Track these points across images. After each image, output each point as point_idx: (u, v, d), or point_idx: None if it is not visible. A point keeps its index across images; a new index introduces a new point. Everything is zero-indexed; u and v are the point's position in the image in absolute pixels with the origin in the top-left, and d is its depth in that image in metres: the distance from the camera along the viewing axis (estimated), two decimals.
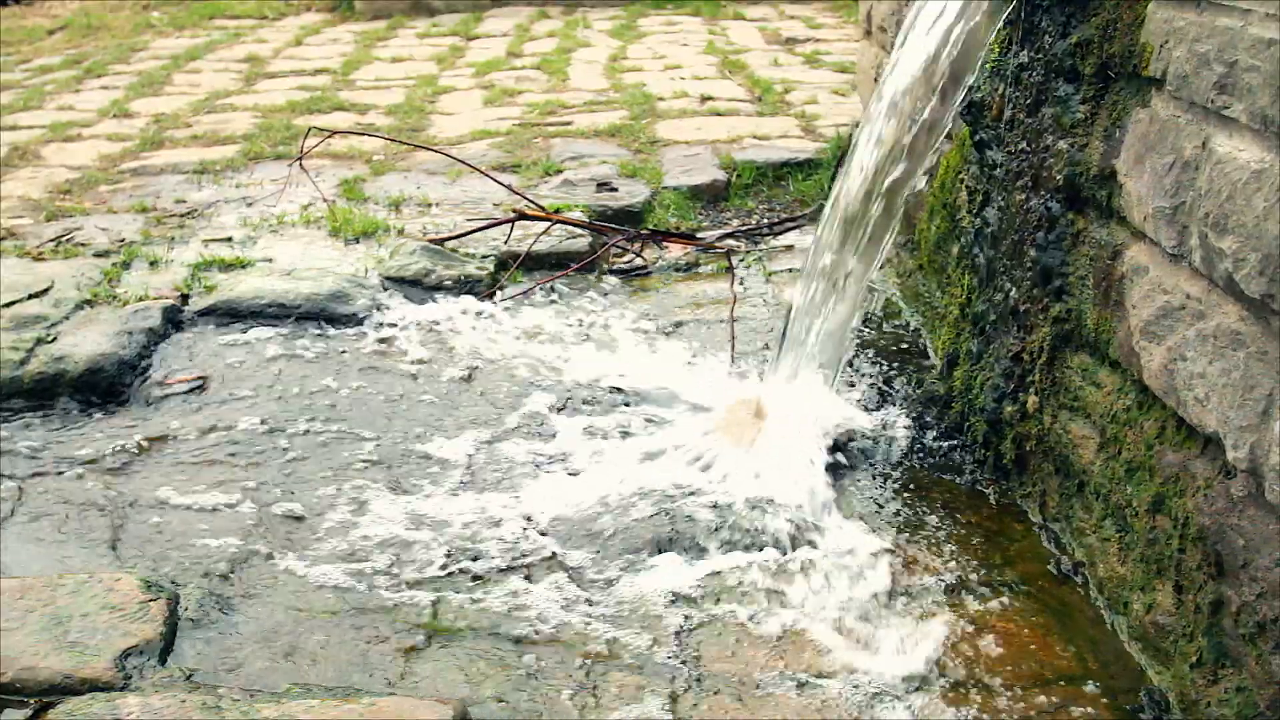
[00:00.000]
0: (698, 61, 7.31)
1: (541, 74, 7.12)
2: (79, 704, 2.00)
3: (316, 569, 2.46)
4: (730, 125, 5.59)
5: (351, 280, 3.83)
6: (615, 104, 6.16)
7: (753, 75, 6.79)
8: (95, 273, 3.98)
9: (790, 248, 4.26)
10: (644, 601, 2.35)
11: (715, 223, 4.55)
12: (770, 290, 3.90)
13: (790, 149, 5.11)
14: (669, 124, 5.67)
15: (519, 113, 6.07)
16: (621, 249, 4.20)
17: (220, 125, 6.10)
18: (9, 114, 6.70)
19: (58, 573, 2.41)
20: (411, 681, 2.13)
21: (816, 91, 6.25)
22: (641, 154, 5.19)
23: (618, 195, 4.63)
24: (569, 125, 5.73)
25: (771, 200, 4.76)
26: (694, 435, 2.97)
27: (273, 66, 7.82)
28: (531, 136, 5.55)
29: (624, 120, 5.73)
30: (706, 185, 4.78)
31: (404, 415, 3.12)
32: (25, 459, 2.97)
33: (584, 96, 6.39)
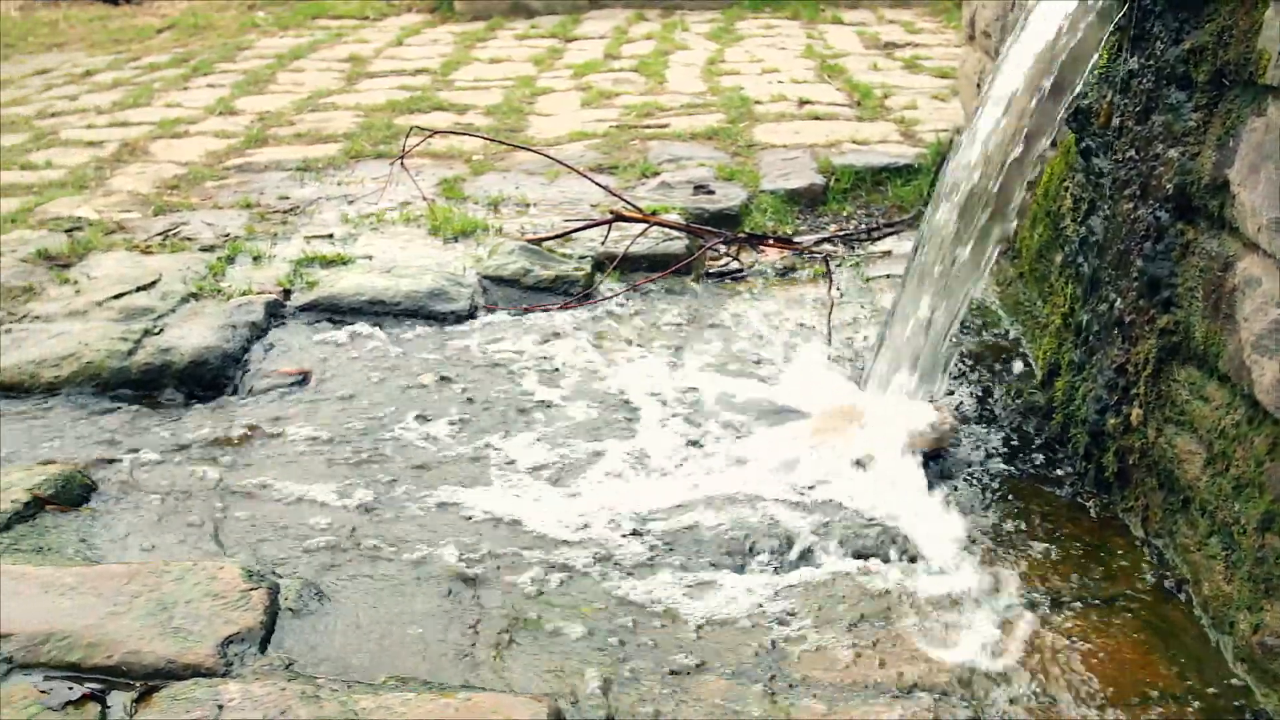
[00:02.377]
0: (795, 65, 7.29)
1: (639, 76, 7.13)
2: (182, 688, 2.04)
3: (412, 563, 2.48)
4: (828, 129, 5.57)
5: (450, 278, 3.87)
6: (712, 107, 6.15)
7: (851, 79, 6.75)
8: (201, 267, 4.06)
9: (888, 253, 4.23)
10: (737, 604, 2.34)
11: (812, 227, 4.53)
12: (867, 296, 3.87)
13: (889, 154, 5.07)
14: (766, 127, 5.66)
15: (616, 114, 6.09)
16: (718, 252, 4.19)
17: (322, 124, 6.20)
18: (119, 110, 6.86)
19: (163, 560, 2.46)
20: (506, 677, 2.14)
21: (916, 96, 6.19)
22: (739, 157, 5.19)
23: (714, 198, 4.63)
24: (666, 127, 5.73)
25: (869, 205, 4.73)
26: (789, 440, 2.96)
27: (374, 66, 7.93)
28: (629, 138, 5.57)
29: (721, 123, 5.73)
30: (804, 189, 4.76)
31: (499, 413, 3.14)
32: (129, 447, 3.04)
33: (681, 99, 6.40)
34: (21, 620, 2.22)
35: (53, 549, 2.55)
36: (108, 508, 2.76)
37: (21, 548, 2.54)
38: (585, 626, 2.27)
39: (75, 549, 2.56)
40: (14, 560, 2.47)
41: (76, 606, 2.26)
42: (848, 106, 6.11)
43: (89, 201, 4.93)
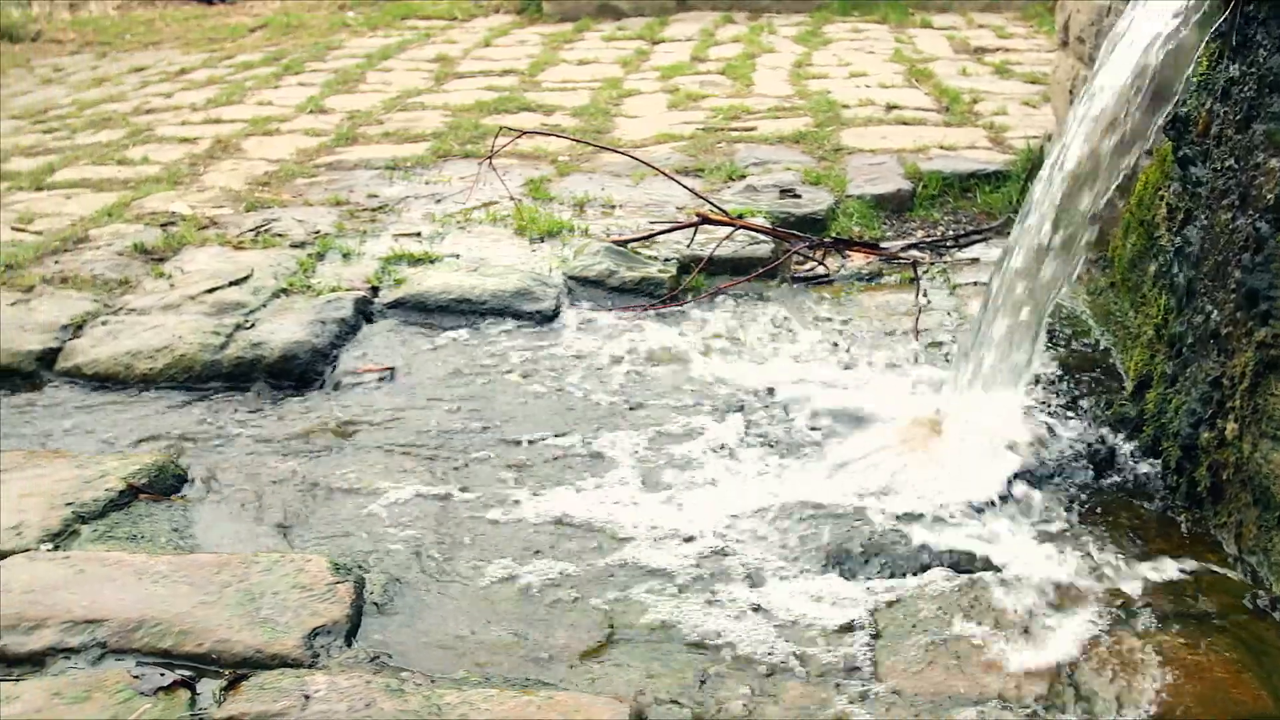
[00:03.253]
0: (884, 69, 7.24)
1: (726, 79, 7.13)
2: (270, 678, 2.07)
3: (496, 561, 2.50)
4: (916, 134, 5.53)
5: (536, 278, 3.89)
6: (799, 110, 6.13)
7: (940, 84, 6.70)
8: (291, 263, 4.12)
9: (976, 260, 4.19)
10: (821, 612, 2.33)
11: (899, 233, 4.50)
12: (954, 303, 3.84)
13: (978, 160, 5.03)
14: (854, 132, 5.63)
15: (703, 117, 6.09)
16: (804, 256, 4.18)
17: (411, 123, 6.26)
18: (213, 108, 6.98)
19: (252, 551, 2.50)
20: (587, 677, 2.15)
21: (1006, 102, 6.13)
22: (825, 161, 5.16)
23: (801, 202, 4.61)
24: (753, 130, 5.72)
25: (957, 212, 4.68)
26: (873, 447, 2.94)
27: (462, 67, 7.99)
28: (715, 141, 5.56)
29: (808, 127, 5.71)
30: (891, 195, 4.73)
31: (582, 413, 3.16)
32: (220, 439, 3.10)
33: (768, 102, 6.38)
34: (115, 606, 2.27)
35: (146, 537, 2.60)
36: (198, 497, 2.81)
37: (116, 535, 2.59)
38: (668, 628, 2.27)
39: (167, 537, 2.61)
40: (109, 547, 2.53)
41: (169, 594, 2.30)
42: (936, 111, 6.06)
43: (183, 197, 5.03)
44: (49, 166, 5.76)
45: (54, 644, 2.18)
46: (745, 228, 4.20)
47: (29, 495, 2.71)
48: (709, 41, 8.56)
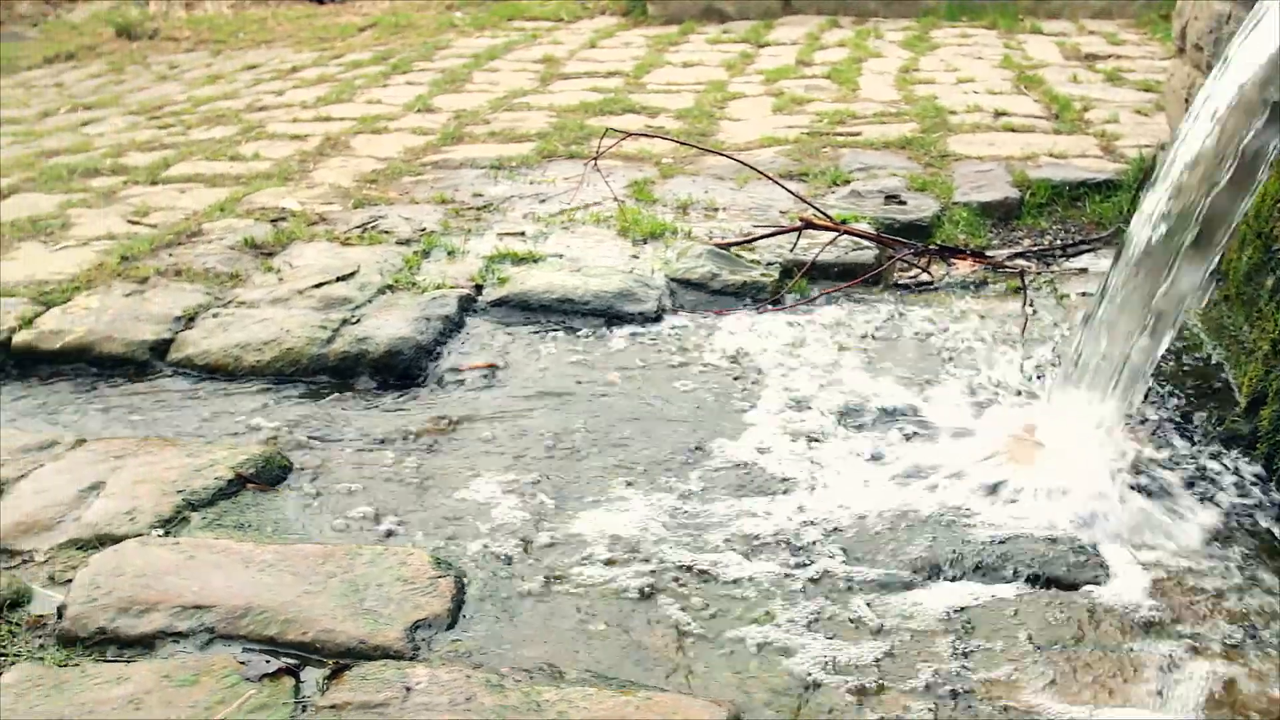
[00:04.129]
0: (992, 75, 7.15)
1: (831, 83, 7.09)
2: (372, 669, 2.10)
3: (595, 560, 2.51)
4: (1024, 142, 5.45)
5: (639, 280, 3.90)
6: (905, 116, 6.08)
7: (1049, 91, 6.60)
8: (397, 259, 4.17)
9: (1084, 271, 4.12)
10: (918, 622, 2.30)
11: (1005, 241, 4.44)
12: (1061, 313, 3.78)
13: (1088, 169, 4.94)
14: (960, 138, 5.56)
15: (807, 121, 6.07)
16: (908, 263, 4.14)
17: (516, 123, 6.31)
18: (323, 105, 7.10)
19: (355, 543, 2.54)
20: (683, 679, 2.15)
21: (1118, 110, 6.02)
22: (931, 168, 5.11)
23: (906, 208, 4.57)
24: (858, 136, 5.69)
25: (1065, 221, 4.61)
26: (975, 458, 2.90)
27: (567, 68, 8.04)
28: (820, 145, 5.54)
29: (914, 133, 5.66)
30: (998, 203, 4.67)
31: (683, 416, 3.16)
32: (325, 432, 3.14)
33: (873, 107, 6.34)
34: (223, 593, 2.31)
35: (252, 525, 2.65)
36: (303, 488, 2.85)
37: (224, 523, 2.64)
38: (767, 634, 2.26)
39: (273, 527, 2.65)
40: (217, 535, 2.58)
41: (274, 583, 2.34)
42: (1045, 119, 5.97)
43: (293, 193, 5.11)
44: (164, 161, 5.89)
45: (164, 628, 2.23)
46: (849, 233, 4.17)
47: (142, 482, 2.77)
48: (814, 45, 8.52)
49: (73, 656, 2.20)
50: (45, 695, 2.06)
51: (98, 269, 4.22)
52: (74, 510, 2.70)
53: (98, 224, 4.83)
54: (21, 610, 2.35)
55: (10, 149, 6.59)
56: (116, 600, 2.30)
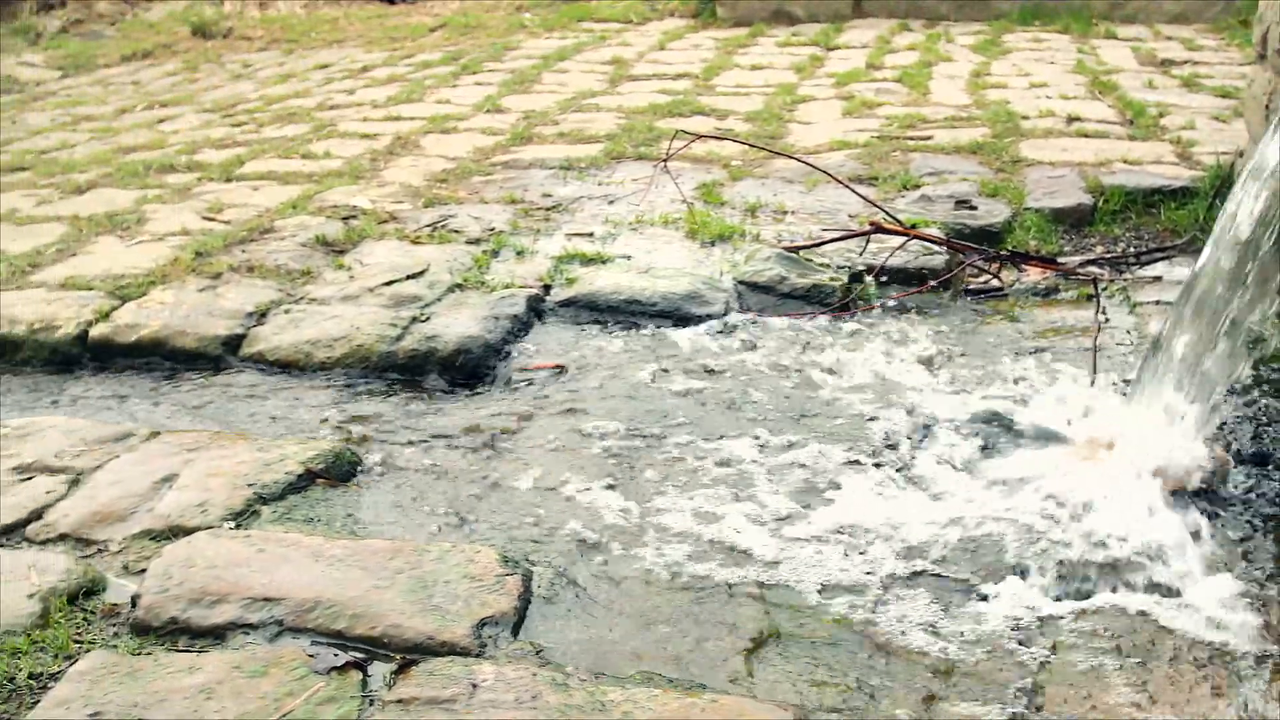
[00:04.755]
0: (1065, 80, 7.08)
1: (901, 87, 7.05)
2: (439, 665, 2.11)
3: (663, 562, 2.51)
4: (1098, 148, 5.38)
5: (707, 282, 3.89)
6: (977, 120, 6.03)
7: (1124, 97, 6.52)
8: (466, 259, 4.20)
9: (1158, 279, 4.06)
10: (990, 629, 2.28)
11: (1078, 248, 4.39)
12: (1134, 321, 3.73)
13: (1163, 175, 4.87)
14: (1032, 143, 5.51)
15: (877, 125, 6.03)
16: (978, 269, 4.10)
17: (585, 124, 6.32)
18: (394, 105, 7.15)
19: (424, 539, 2.56)
20: (751, 683, 2.14)
21: (1194, 116, 5.93)
22: (1003, 173, 5.06)
23: (976, 214, 4.53)
24: (928, 140, 5.64)
25: (1139, 228, 4.55)
26: (1044, 466, 2.88)
27: (636, 69, 8.05)
28: (889, 149, 5.50)
29: (985, 137, 5.61)
30: (1070, 209, 4.62)
31: (750, 420, 3.15)
32: (393, 429, 3.17)
33: (944, 111, 6.29)
34: (293, 586, 2.34)
35: (322, 520, 2.68)
36: (371, 484, 2.88)
37: (294, 517, 2.67)
38: (834, 639, 2.25)
39: (342, 522, 2.68)
40: (286, 528, 2.60)
41: (343, 577, 2.36)
42: (1119, 125, 5.90)
43: (364, 191, 5.16)
44: (238, 159, 5.96)
45: (234, 619, 2.26)
46: (919, 238, 4.14)
47: (214, 475, 2.81)
48: (884, 49, 8.47)
49: (145, 645, 2.23)
50: (119, 682, 2.09)
51: (172, 264, 4.28)
52: (147, 501, 2.74)
53: (173, 220, 4.89)
54: (96, 599, 2.39)
55: (88, 145, 6.71)
56: (188, 591, 2.33)
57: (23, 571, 2.43)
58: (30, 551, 2.56)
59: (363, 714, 2.01)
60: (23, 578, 2.41)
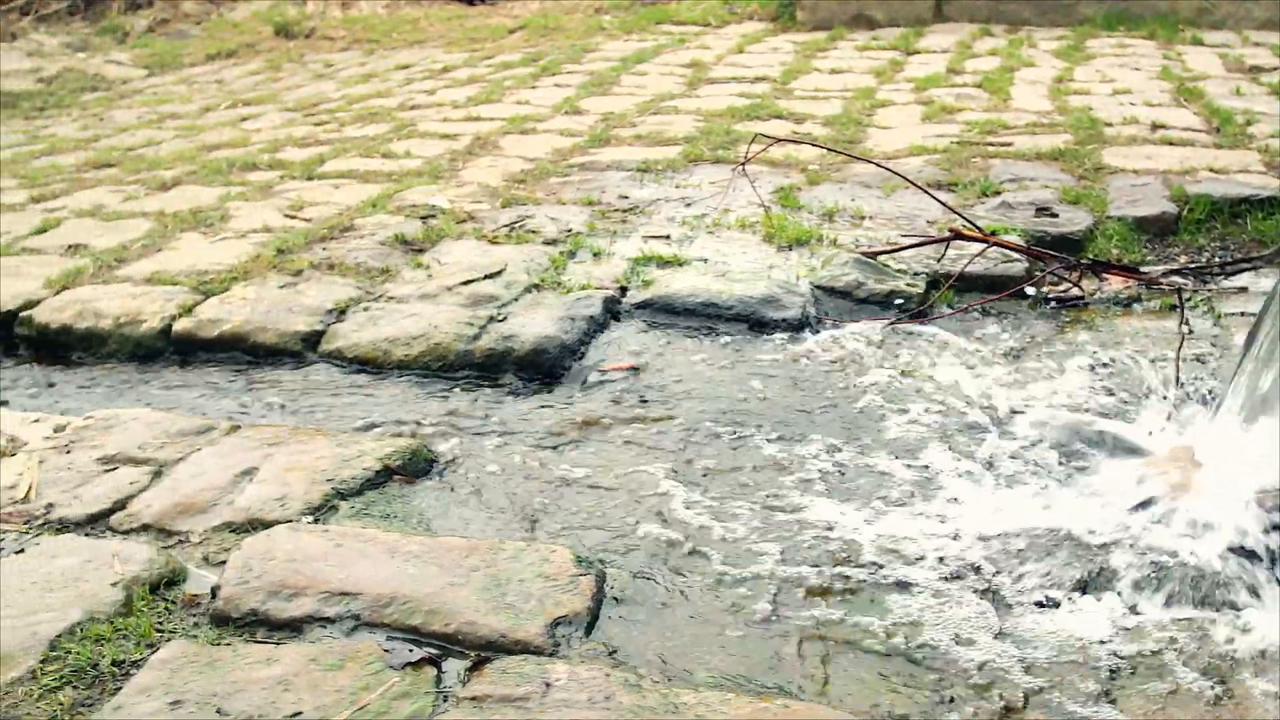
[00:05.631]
0: (1150, 87, 6.97)
1: (982, 92, 6.98)
2: (513, 663, 2.12)
3: (736, 564, 2.50)
4: (1183, 156, 5.30)
5: (783, 286, 3.88)
6: (1059, 127, 5.96)
7: (1210, 104, 6.41)
8: (543, 259, 4.21)
9: (1244, 290, 3.99)
10: (1062, 641, 2.25)
11: (1161, 258, 4.32)
12: (1218, 332, 3.67)
13: (1250, 184, 4.79)
14: (1116, 151, 5.43)
15: (957, 130, 5.98)
16: (1059, 277, 4.06)
17: (663, 127, 6.33)
18: (473, 106, 7.20)
19: (499, 538, 2.57)
20: (822, 690, 2.13)
21: None
22: (1085, 180, 5.00)
23: (1057, 221, 4.48)
24: (1009, 146, 5.59)
25: (1225, 239, 4.47)
26: (1123, 478, 2.84)
27: (714, 72, 8.04)
28: (969, 155, 5.45)
29: (1067, 144, 5.54)
30: (1154, 217, 4.55)
31: (827, 422, 3.14)
32: (469, 427, 3.19)
33: (1025, 118, 6.22)
34: (369, 581, 2.36)
35: (398, 516, 2.70)
36: (447, 482, 2.90)
37: (371, 513, 2.70)
38: (909, 648, 2.23)
39: (418, 519, 2.70)
40: (364, 524, 2.63)
41: (419, 574, 2.38)
42: (1205, 132, 5.81)
43: (443, 191, 5.20)
44: (319, 157, 6.04)
45: (312, 612, 2.29)
46: (998, 245, 4.10)
47: (293, 469, 2.84)
48: (965, 54, 8.40)
49: (224, 636, 2.26)
50: (199, 672, 2.13)
51: (254, 260, 4.34)
52: (228, 494, 2.78)
53: (255, 217, 4.97)
54: (177, 589, 2.43)
55: (174, 143, 6.82)
56: (267, 583, 2.36)
57: (107, 560, 2.48)
58: (114, 541, 2.61)
59: (437, 710, 2.03)
60: (107, 566, 2.46)
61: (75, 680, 2.14)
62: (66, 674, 2.15)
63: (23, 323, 4.01)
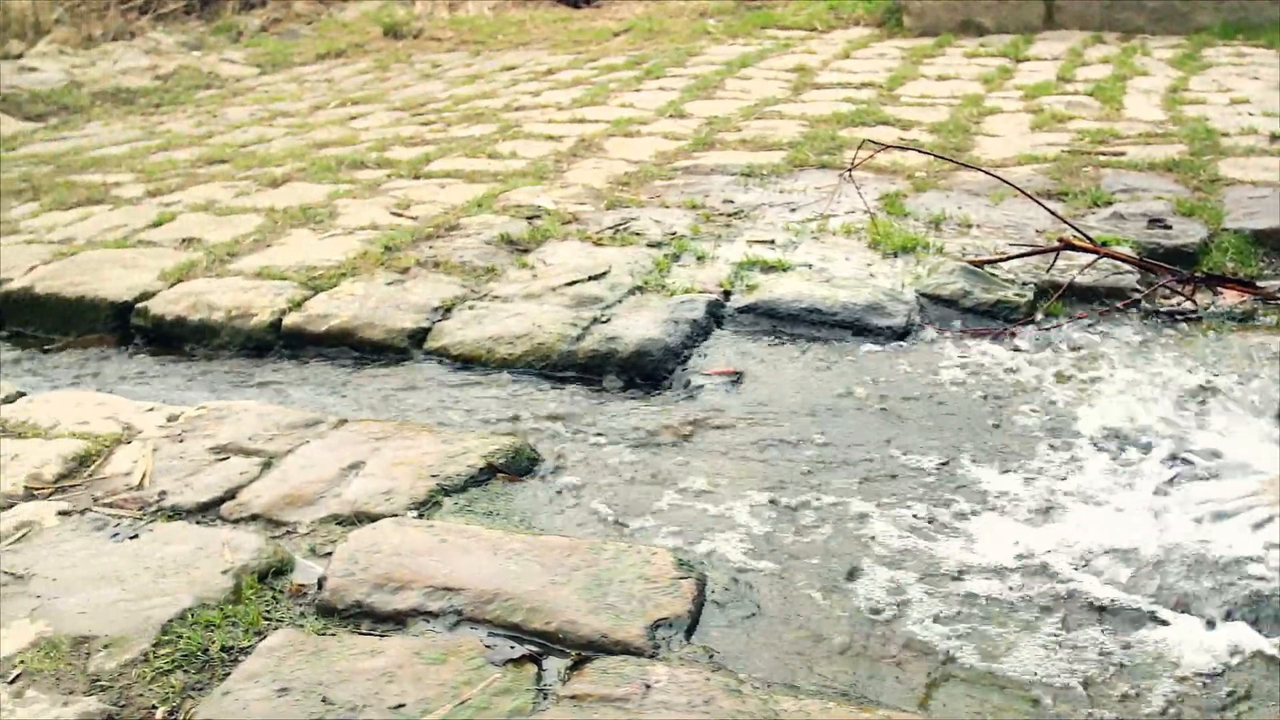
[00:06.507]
0: (1269, 97, 6.80)
1: (1093, 101, 6.87)
2: (613, 663, 2.13)
3: (835, 573, 2.48)
4: None
5: (888, 294, 3.85)
6: (1173, 137, 5.84)
7: None
8: (647, 261, 4.22)
9: None
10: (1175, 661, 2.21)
11: (1279, 272, 4.22)
12: None
13: None
14: (1232, 162, 5.31)
15: (1067, 139, 5.89)
16: (1171, 290, 3.98)
17: (767, 131, 6.31)
18: (577, 108, 7.24)
19: (600, 538, 2.58)
20: (924, 703, 2.11)
21: None
22: (1199, 192, 4.90)
23: (1170, 233, 4.39)
24: (1121, 156, 5.49)
25: None
26: (1236, 495, 2.77)
27: (820, 78, 8.00)
28: (1080, 165, 5.37)
29: (1182, 155, 5.43)
30: (1271, 231, 4.43)
31: (933, 434, 3.10)
32: (571, 427, 3.21)
33: (1138, 127, 6.11)
34: (472, 577, 2.38)
35: (501, 514, 2.72)
36: (550, 481, 2.92)
37: (474, 510, 2.72)
38: (1018, 663, 2.20)
39: (520, 517, 2.72)
40: (467, 521, 2.66)
41: (521, 571, 2.40)
42: None
43: (547, 192, 5.23)
44: (426, 156, 6.11)
45: (415, 606, 2.31)
46: (1109, 256, 4.03)
47: (399, 464, 2.88)
48: (1076, 62, 8.26)
49: (330, 626, 2.30)
50: (305, 661, 2.16)
51: (362, 257, 4.40)
52: (335, 487, 2.82)
53: (363, 214, 5.04)
54: (284, 578, 2.47)
55: (284, 140, 6.94)
56: (373, 576, 2.40)
57: (217, 548, 2.53)
58: (224, 529, 2.66)
59: (537, 707, 2.04)
60: (217, 554, 2.51)
61: (186, 664, 2.19)
62: (178, 658, 2.20)
63: (138, 314, 4.11)
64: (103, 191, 5.87)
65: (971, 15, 9.86)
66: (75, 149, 7.25)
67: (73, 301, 4.24)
